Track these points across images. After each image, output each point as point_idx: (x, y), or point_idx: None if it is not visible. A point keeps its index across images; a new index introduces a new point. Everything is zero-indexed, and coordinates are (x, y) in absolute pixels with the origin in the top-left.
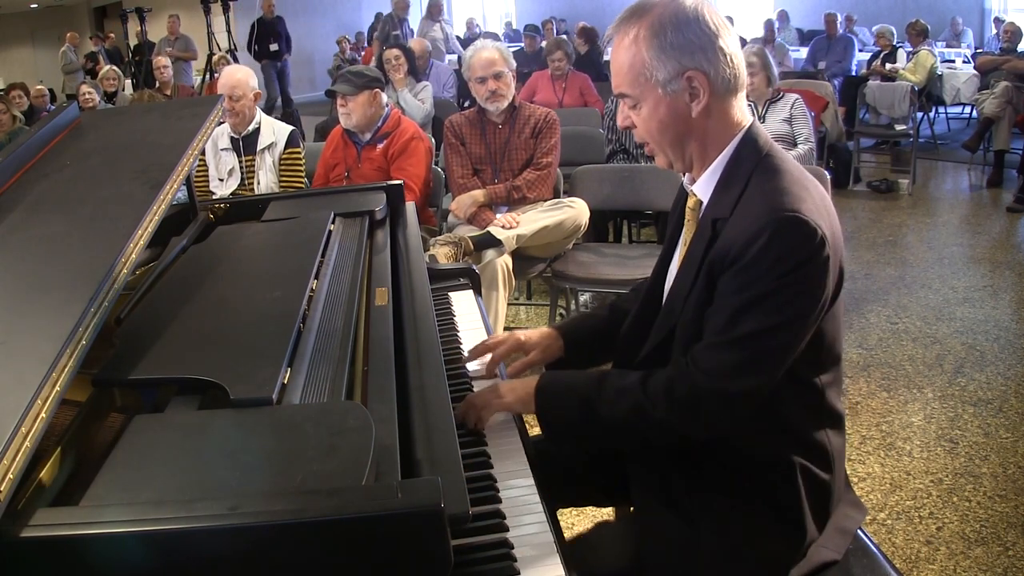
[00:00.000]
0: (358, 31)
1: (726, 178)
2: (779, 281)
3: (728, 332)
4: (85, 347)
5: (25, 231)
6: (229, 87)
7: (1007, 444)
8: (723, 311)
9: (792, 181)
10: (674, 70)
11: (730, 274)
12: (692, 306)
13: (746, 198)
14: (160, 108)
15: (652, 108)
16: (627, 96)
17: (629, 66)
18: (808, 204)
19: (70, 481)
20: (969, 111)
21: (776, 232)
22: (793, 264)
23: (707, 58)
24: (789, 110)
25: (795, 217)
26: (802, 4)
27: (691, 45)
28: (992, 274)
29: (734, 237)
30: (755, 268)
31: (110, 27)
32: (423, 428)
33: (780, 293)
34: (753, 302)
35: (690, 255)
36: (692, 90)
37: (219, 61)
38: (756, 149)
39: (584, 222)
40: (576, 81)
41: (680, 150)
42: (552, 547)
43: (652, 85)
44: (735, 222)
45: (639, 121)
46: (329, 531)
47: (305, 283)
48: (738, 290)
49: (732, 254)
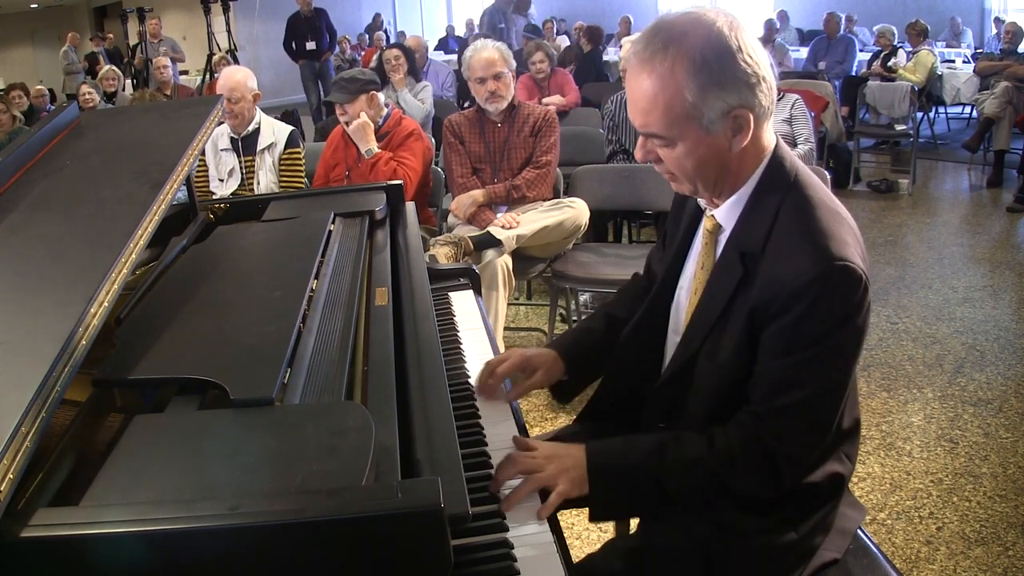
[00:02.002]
0: (359, 32)
1: (752, 206)
2: (832, 337)
3: (789, 395)
4: (85, 347)
5: (25, 231)
6: (228, 88)
7: (1007, 444)
8: (779, 371)
9: (828, 213)
10: (720, 110)
11: (778, 327)
12: (726, 346)
13: (779, 233)
14: (160, 108)
15: (690, 148)
16: (660, 137)
17: (666, 106)
18: (850, 246)
19: (70, 481)
20: (969, 111)
21: (827, 285)
22: (844, 315)
23: (752, 92)
24: (789, 110)
25: (844, 267)
26: (802, 4)
27: (737, 81)
28: (992, 274)
29: (777, 285)
30: (807, 323)
31: (110, 27)
32: (423, 428)
33: (834, 349)
34: (809, 362)
35: (714, 287)
36: (736, 127)
37: (219, 61)
38: (784, 174)
39: (584, 222)
40: (558, 80)
41: (712, 183)
42: (552, 547)
43: (693, 126)
44: (771, 261)
45: (670, 159)
46: (329, 531)
47: (305, 283)
48: (790, 347)
49: (778, 304)
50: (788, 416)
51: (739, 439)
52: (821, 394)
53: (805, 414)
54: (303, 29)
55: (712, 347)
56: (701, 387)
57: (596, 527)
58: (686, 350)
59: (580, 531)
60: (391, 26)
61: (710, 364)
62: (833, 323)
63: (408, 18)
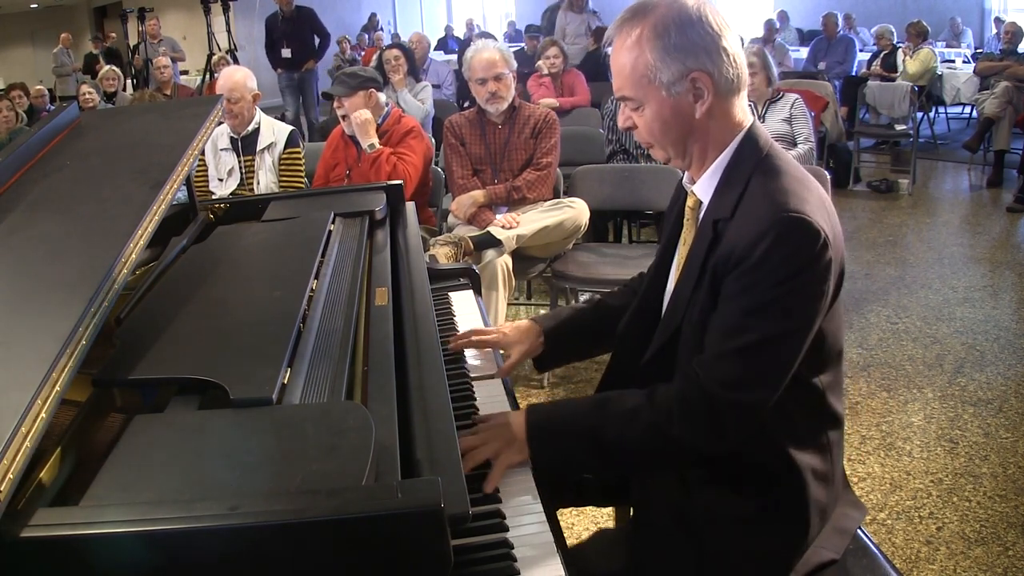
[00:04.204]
0: (359, 32)
1: (726, 178)
2: (784, 286)
3: (735, 340)
4: (85, 347)
5: (25, 231)
6: (227, 89)
7: (1007, 444)
8: (729, 317)
9: (793, 180)
10: (678, 72)
11: (734, 276)
12: (696, 308)
13: (747, 198)
14: (160, 108)
15: (656, 110)
16: (630, 99)
17: (632, 68)
18: (811, 204)
19: (70, 481)
20: (969, 111)
21: (780, 233)
22: (797, 267)
23: (711, 59)
24: (789, 110)
25: (799, 218)
26: (802, 4)
27: (695, 46)
28: (992, 274)
29: (737, 238)
30: (760, 271)
31: (110, 27)
32: (423, 428)
33: (786, 299)
34: (759, 308)
35: (692, 256)
36: (696, 91)
37: (219, 61)
38: (756, 149)
39: (584, 222)
40: (569, 79)
41: (682, 149)
42: (552, 547)
43: (656, 87)
44: (737, 223)
45: (641, 123)
46: (329, 531)
47: (305, 283)
48: (743, 294)
49: (736, 255)
50: (733, 362)
51: (678, 388)
52: (768, 342)
53: (749, 360)
54: (279, 33)
55: (692, 314)
56: (684, 356)
57: (596, 527)
58: (670, 322)
59: (580, 531)
60: (391, 26)
61: (691, 331)
62: (787, 273)
63: (408, 18)
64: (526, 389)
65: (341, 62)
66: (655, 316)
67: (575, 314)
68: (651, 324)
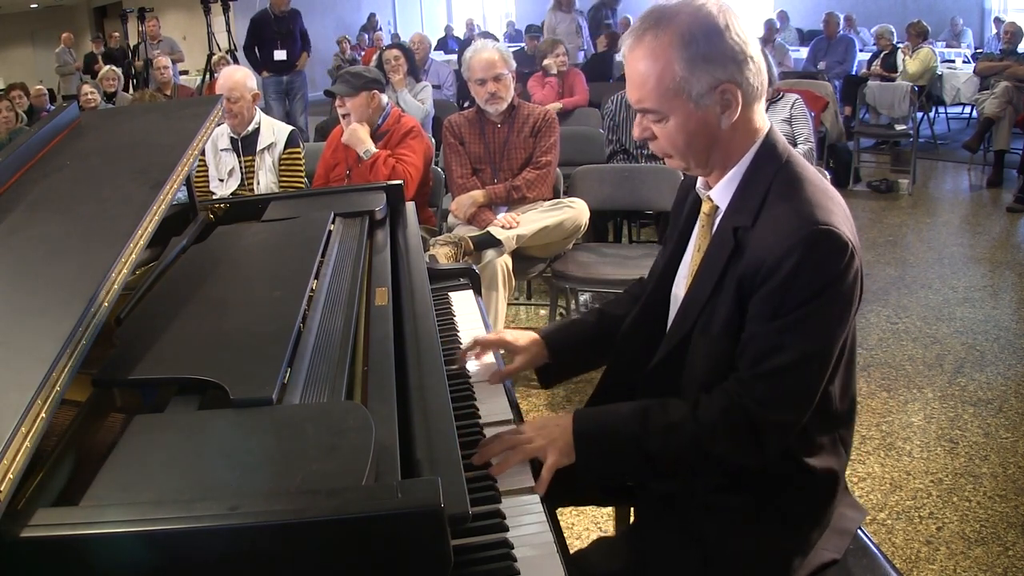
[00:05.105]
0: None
1: (745, 185)
2: (816, 300)
3: (773, 360)
4: (85, 347)
5: (25, 231)
6: (227, 89)
7: (1007, 444)
8: (764, 336)
9: (816, 190)
10: (708, 84)
11: (764, 292)
12: (718, 319)
13: (769, 207)
14: (160, 108)
15: (681, 122)
16: (652, 111)
17: (657, 79)
18: (836, 216)
19: (70, 481)
20: (969, 111)
21: (810, 247)
22: (828, 280)
23: (739, 69)
24: (789, 110)
25: (827, 230)
26: (802, 4)
27: (724, 56)
28: (992, 274)
29: (763, 251)
30: (791, 287)
31: (110, 27)
32: (423, 428)
33: (818, 313)
34: (793, 326)
35: (708, 264)
36: (724, 102)
37: (219, 61)
38: (775, 156)
39: (584, 222)
40: (570, 79)
41: (704, 159)
42: (552, 547)
43: (683, 99)
44: (761, 234)
45: (663, 134)
46: (329, 531)
47: (305, 283)
48: (777, 313)
49: (764, 270)
50: (771, 381)
51: (721, 405)
52: (805, 359)
53: (788, 379)
54: (271, 33)
55: (705, 322)
56: (695, 364)
57: (596, 527)
58: (681, 328)
59: (580, 531)
60: (390, 26)
61: (704, 339)
62: (818, 287)
63: (408, 18)
64: (526, 389)
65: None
66: (659, 321)
67: (579, 327)
68: (654, 329)
